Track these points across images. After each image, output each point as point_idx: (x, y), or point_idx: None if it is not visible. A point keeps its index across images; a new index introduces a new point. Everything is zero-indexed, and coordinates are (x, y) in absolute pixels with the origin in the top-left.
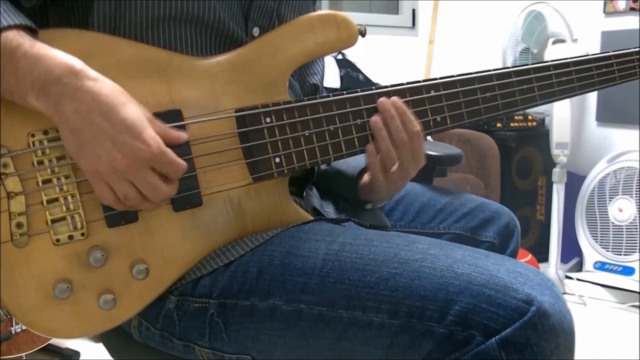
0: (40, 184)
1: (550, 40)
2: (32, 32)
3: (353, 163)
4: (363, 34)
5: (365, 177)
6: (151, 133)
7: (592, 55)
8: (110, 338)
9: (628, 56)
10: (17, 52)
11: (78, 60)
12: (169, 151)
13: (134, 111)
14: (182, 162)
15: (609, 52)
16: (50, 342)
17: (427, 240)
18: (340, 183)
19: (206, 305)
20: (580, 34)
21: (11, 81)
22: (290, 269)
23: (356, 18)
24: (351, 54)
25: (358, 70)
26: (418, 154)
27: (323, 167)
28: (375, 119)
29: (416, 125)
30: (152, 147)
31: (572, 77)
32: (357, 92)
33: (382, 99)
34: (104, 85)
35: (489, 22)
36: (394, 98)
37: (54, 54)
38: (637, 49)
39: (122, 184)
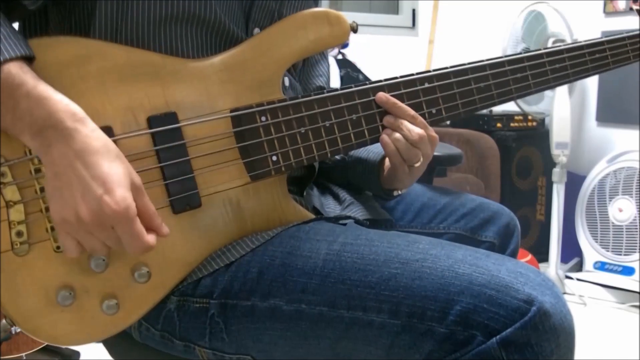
0: (39, 191)
1: (550, 40)
2: (31, 61)
3: (374, 149)
4: (355, 30)
5: (387, 168)
6: (124, 193)
7: (585, 41)
8: (110, 338)
9: (620, 41)
10: (19, 91)
11: (80, 110)
12: (137, 221)
13: (117, 168)
14: (145, 239)
15: (601, 37)
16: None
17: (427, 240)
18: (362, 172)
19: (207, 305)
20: (580, 34)
21: (8, 118)
22: (291, 269)
23: (356, 18)
24: (351, 54)
25: (358, 70)
26: (433, 138)
27: (339, 157)
28: (385, 132)
29: (418, 118)
30: (119, 206)
31: (565, 64)
32: (351, 87)
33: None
34: (99, 137)
35: (489, 22)
36: (381, 96)
37: (59, 98)
38: (631, 34)
39: (86, 237)
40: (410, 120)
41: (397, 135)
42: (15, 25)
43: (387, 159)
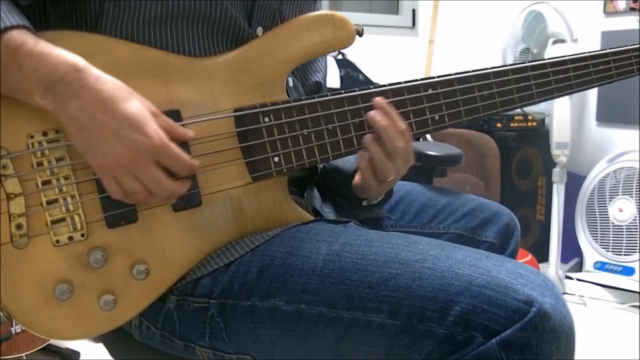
0: (40, 185)
1: (550, 40)
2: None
3: (351, 160)
4: (360, 34)
5: (357, 178)
6: (153, 126)
7: (589, 52)
8: (110, 338)
9: (625, 53)
10: (21, 50)
11: (81, 59)
12: (173, 145)
13: (136, 105)
14: (186, 157)
15: (605, 49)
16: (50, 342)
17: (427, 241)
18: (338, 180)
19: (206, 305)
20: (580, 34)
21: (15, 79)
22: (290, 269)
23: (356, 18)
24: (351, 54)
25: (358, 71)
26: (409, 157)
27: (321, 165)
28: (367, 137)
29: (406, 133)
30: (154, 140)
31: (569, 75)
32: (355, 91)
33: (371, 112)
34: (106, 82)
35: (489, 22)
36: (380, 100)
37: (58, 52)
38: (634, 46)
39: (127, 178)
40: (398, 131)
41: (376, 147)
42: None
43: None
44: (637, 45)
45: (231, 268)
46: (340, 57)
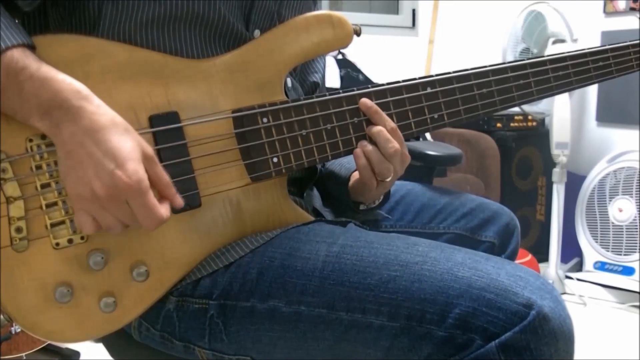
0: (39, 188)
1: (550, 40)
2: (33, 50)
3: (347, 165)
4: (358, 34)
5: (356, 180)
6: (135, 166)
7: (589, 49)
8: (110, 338)
9: (624, 49)
10: (23, 74)
11: (84, 87)
12: (149, 193)
13: (127, 142)
14: (159, 212)
15: (605, 45)
16: (50, 342)
17: (427, 243)
18: (334, 184)
19: (206, 306)
20: (580, 34)
21: (15, 101)
22: (290, 270)
23: (356, 18)
24: (351, 54)
25: (358, 70)
26: (405, 155)
27: (318, 167)
28: (360, 145)
29: (397, 131)
30: (131, 179)
31: (569, 72)
32: (353, 90)
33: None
34: (105, 113)
35: (489, 22)
36: (365, 102)
37: (62, 77)
38: (633, 42)
39: (102, 212)
40: (389, 132)
41: (371, 147)
42: None
43: (356, 172)
44: (637, 41)
45: (231, 269)
46: (340, 57)
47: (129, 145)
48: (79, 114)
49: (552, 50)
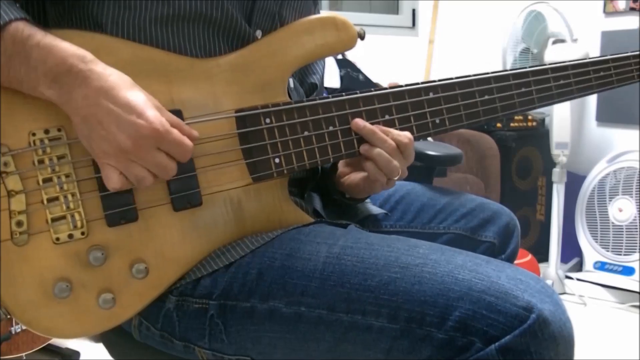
0: (41, 182)
1: (550, 40)
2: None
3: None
4: (362, 37)
5: (359, 179)
6: (154, 112)
7: (590, 59)
8: (110, 338)
9: (625, 60)
10: (29, 41)
11: (88, 52)
12: (174, 130)
13: (139, 94)
14: (188, 142)
15: (606, 55)
16: (50, 342)
17: (428, 245)
18: (321, 177)
19: (206, 306)
20: (580, 34)
21: (22, 70)
22: (290, 271)
23: (356, 18)
24: (351, 54)
25: (358, 70)
26: (410, 156)
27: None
28: (364, 147)
29: (406, 135)
30: (155, 124)
31: (570, 81)
32: (356, 93)
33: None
34: (112, 73)
35: (489, 22)
36: (358, 123)
37: (66, 45)
38: (635, 53)
39: (132, 166)
40: (389, 153)
41: (377, 150)
42: None
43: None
44: (638, 52)
45: (231, 269)
46: (340, 57)
47: (142, 97)
48: (89, 77)
49: (552, 50)
